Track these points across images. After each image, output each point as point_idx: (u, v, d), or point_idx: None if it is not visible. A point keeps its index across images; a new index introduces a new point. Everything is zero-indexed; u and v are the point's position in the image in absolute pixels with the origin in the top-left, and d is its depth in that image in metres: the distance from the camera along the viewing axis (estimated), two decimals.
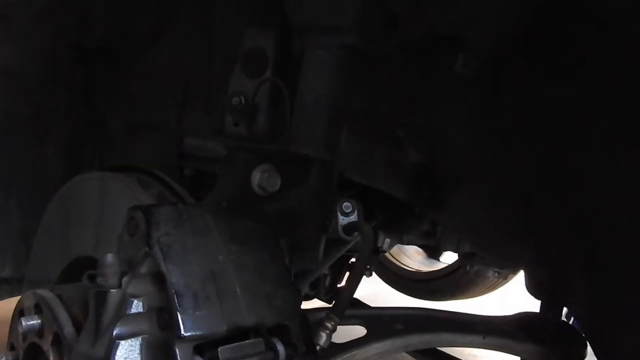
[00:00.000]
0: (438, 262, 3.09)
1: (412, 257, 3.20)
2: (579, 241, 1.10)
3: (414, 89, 1.30)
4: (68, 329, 0.82)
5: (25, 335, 0.88)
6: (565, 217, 1.11)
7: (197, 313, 0.70)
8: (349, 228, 1.19)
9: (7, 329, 0.94)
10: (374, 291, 3.31)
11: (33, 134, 1.48)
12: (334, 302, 0.97)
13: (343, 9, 1.15)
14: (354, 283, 1.02)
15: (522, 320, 1.46)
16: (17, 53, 1.40)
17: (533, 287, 1.46)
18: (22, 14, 1.39)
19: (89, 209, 0.98)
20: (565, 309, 1.63)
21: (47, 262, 1.07)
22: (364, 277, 2.45)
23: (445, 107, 1.27)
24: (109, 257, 0.71)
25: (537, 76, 1.11)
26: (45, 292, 0.88)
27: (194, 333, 0.69)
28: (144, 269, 0.72)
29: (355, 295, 1.74)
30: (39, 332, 0.86)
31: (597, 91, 0.99)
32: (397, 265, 3.21)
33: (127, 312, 0.70)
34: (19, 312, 0.91)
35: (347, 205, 1.21)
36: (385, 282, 3.28)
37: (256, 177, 1.09)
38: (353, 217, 1.21)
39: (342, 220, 1.20)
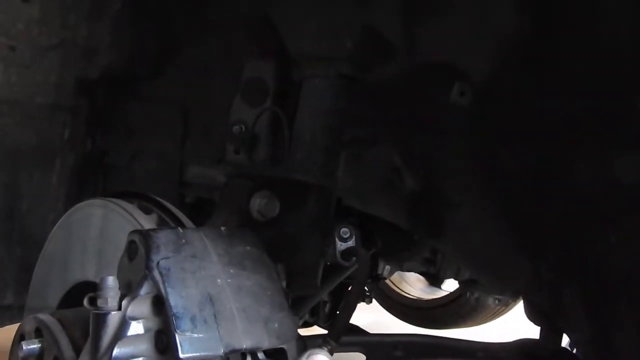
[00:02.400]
0: (440, 290, 3.08)
1: (413, 285, 3.19)
2: (575, 266, 1.11)
3: (410, 116, 1.32)
4: (68, 353, 0.83)
5: None
6: (561, 242, 1.12)
7: (195, 335, 0.71)
8: (347, 253, 1.20)
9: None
10: (375, 320, 3.29)
11: (37, 162, 1.51)
12: (330, 326, 0.98)
13: (339, 39, 1.18)
14: (350, 307, 1.02)
15: (521, 346, 1.46)
16: (23, 83, 1.44)
17: (532, 313, 1.46)
18: (30, 46, 1.43)
19: (91, 235, 1.00)
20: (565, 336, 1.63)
21: (48, 288, 1.08)
22: (365, 304, 2.45)
23: (441, 134, 1.29)
24: (110, 280, 0.73)
25: (530, 100, 1.14)
26: (45, 317, 0.89)
27: (191, 355, 0.70)
28: (143, 291, 0.73)
29: (358, 324, 1.74)
30: (39, 356, 0.86)
31: (588, 107, 1.02)
32: (399, 293, 3.20)
33: (126, 334, 0.72)
34: (20, 337, 0.92)
35: (345, 231, 1.22)
36: (386, 310, 3.26)
37: (255, 203, 1.11)
38: (351, 243, 1.23)
39: (340, 245, 1.22)
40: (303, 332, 1.10)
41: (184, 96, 1.57)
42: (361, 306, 2.61)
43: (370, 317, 3.29)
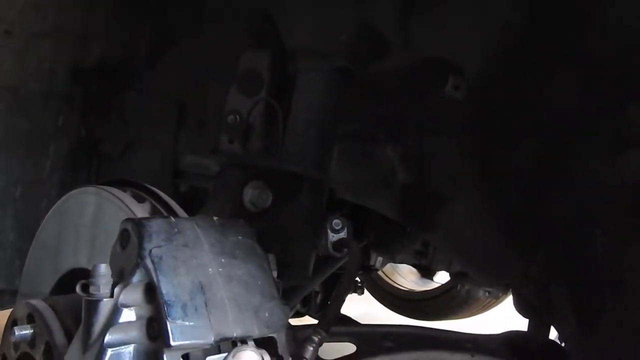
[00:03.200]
0: (432, 282, 3.10)
1: (405, 277, 3.21)
2: (564, 262, 1.13)
3: (404, 111, 1.33)
4: (60, 338, 0.84)
5: (17, 345, 0.90)
6: (549, 236, 1.14)
7: (186, 323, 0.72)
8: (339, 245, 1.21)
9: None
10: (367, 311, 3.31)
11: (30, 149, 1.51)
12: (321, 316, 0.99)
13: (334, 33, 1.19)
14: (340, 297, 1.04)
15: (510, 338, 1.47)
16: (18, 69, 1.44)
17: (520, 306, 1.48)
18: (25, 32, 1.43)
19: (84, 222, 1.01)
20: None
21: (40, 274, 1.08)
22: (357, 295, 2.47)
23: (434, 128, 1.30)
24: (102, 267, 0.73)
25: (524, 96, 1.15)
26: (38, 302, 0.90)
27: (182, 342, 0.71)
28: (135, 279, 0.74)
29: (350, 314, 1.76)
30: (31, 342, 0.87)
31: (581, 105, 1.03)
32: (391, 285, 3.22)
33: (118, 321, 0.72)
34: (12, 322, 0.92)
35: (337, 222, 1.23)
36: (378, 301, 3.29)
37: (248, 193, 1.12)
38: (343, 234, 1.23)
39: (332, 237, 1.23)
40: (295, 322, 1.11)
41: (179, 86, 1.57)
42: (353, 297, 2.64)
43: (362, 308, 3.32)
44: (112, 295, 0.73)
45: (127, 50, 1.54)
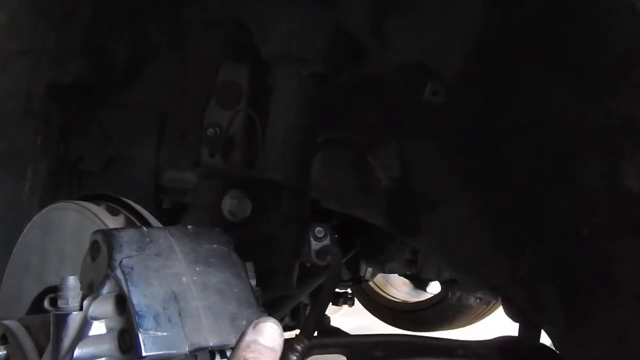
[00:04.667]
0: (425, 293, 3.08)
1: (398, 288, 3.19)
2: (551, 261, 1.12)
3: (385, 116, 1.33)
4: (33, 358, 0.82)
5: None
6: (536, 237, 1.13)
7: (159, 334, 0.70)
8: (322, 253, 1.20)
9: None
10: (362, 324, 3.29)
11: (8, 169, 1.49)
12: (303, 324, 0.97)
13: (310, 39, 1.19)
14: (322, 303, 1.02)
15: (500, 344, 1.46)
16: None
17: (510, 310, 1.47)
18: (0, 52, 1.42)
19: (55, 238, 0.99)
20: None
21: (17, 294, 1.06)
22: (348, 308, 2.44)
23: (416, 133, 1.30)
24: (70, 280, 0.71)
25: (502, 97, 1.15)
26: (11, 323, 0.87)
27: (155, 353, 0.69)
28: (105, 290, 0.72)
29: (344, 328, 1.73)
30: None
31: (562, 106, 1.03)
32: (383, 296, 3.20)
33: (88, 334, 0.70)
34: None
35: (319, 230, 1.22)
36: (372, 313, 3.26)
37: (227, 203, 1.11)
38: (326, 242, 1.22)
39: (315, 245, 1.21)
40: (285, 335, 1.09)
41: (159, 101, 1.57)
42: (349, 311, 2.61)
43: (357, 321, 3.29)
44: (81, 308, 0.71)
45: (105, 66, 1.53)
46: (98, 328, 0.71)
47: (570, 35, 1.01)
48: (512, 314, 1.44)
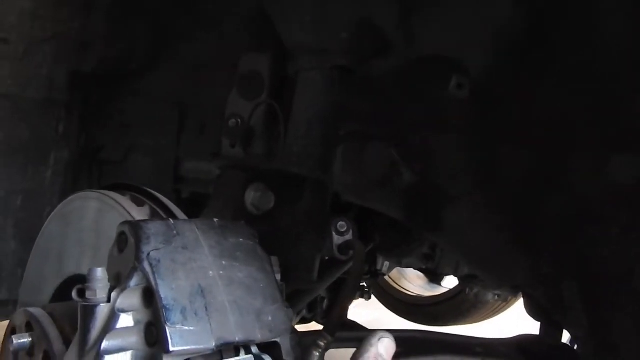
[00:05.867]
0: (440, 287, 3.07)
1: (413, 282, 3.18)
2: (574, 261, 1.10)
3: (408, 109, 1.31)
4: (58, 346, 0.82)
5: (16, 354, 0.88)
6: (559, 237, 1.11)
7: (186, 328, 0.70)
8: (344, 247, 1.19)
9: None
10: (376, 317, 3.28)
11: (31, 157, 1.50)
12: (326, 320, 0.97)
13: (334, 31, 1.17)
14: (345, 300, 1.01)
15: (521, 342, 1.44)
16: (16, 77, 1.43)
17: (531, 309, 1.45)
18: (23, 39, 1.42)
19: (83, 227, 0.99)
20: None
21: (41, 282, 1.07)
22: (367, 302, 2.44)
23: (438, 128, 1.28)
24: (98, 272, 0.71)
25: (527, 95, 1.13)
26: (36, 310, 0.88)
27: (182, 348, 0.69)
28: (133, 283, 0.72)
29: (358, 321, 1.72)
30: (30, 350, 0.85)
31: (584, 104, 1.01)
32: (398, 290, 3.18)
33: (115, 327, 0.70)
34: (11, 331, 0.90)
35: (341, 225, 1.21)
36: (386, 307, 3.25)
37: (250, 195, 1.10)
38: (348, 236, 1.21)
39: (337, 239, 1.20)
40: (301, 328, 1.08)
41: (179, 91, 1.56)
42: (361, 303, 2.61)
43: (371, 314, 3.29)
44: (109, 300, 0.71)
45: (126, 55, 1.53)
46: (125, 320, 0.71)
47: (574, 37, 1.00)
48: (534, 312, 1.42)
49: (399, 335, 1.36)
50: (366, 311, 3.21)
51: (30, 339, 0.85)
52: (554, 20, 1.06)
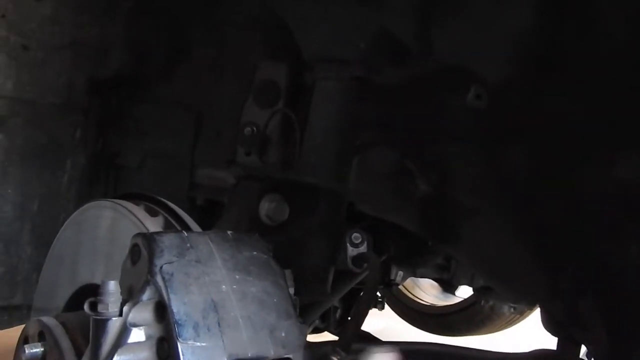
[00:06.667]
0: (453, 297, 3.03)
1: (426, 291, 3.15)
2: (594, 277, 1.08)
3: (424, 120, 1.30)
4: (70, 357, 0.82)
5: None
6: (578, 250, 1.09)
7: (198, 344, 0.69)
8: (358, 259, 1.18)
9: None
10: (387, 326, 3.25)
11: (47, 162, 1.50)
12: (340, 334, 0.95)
13: (352, 41, 1.16)
14: (360, 315, 1.00)
15: (538, 357, 1.42)
16: (35, 82, 1.44)
17: (549, 324, 1.42)
18: (42, 45, 1.43)
19: (97, 236, 0.99)
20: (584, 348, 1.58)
21: (54, 289, 1.07)
22: (377, 310, 2.42)
23: (455, 139, 1.27)
24: (111, 285, 0.71)
25: (547, 105, 1.11)
26: (49, 320, 0.87)
27: None
28: (145, 297, 0.71)
29: (369, 329, 1.71)
30: None
31: (603, 112, 0.99)
32: (412, 299, 3.16)
33: (127, 341, 0.70)
34: (23, 340, 0.90)
35: (356, 236, 1.20)
36: (399, 316, 3.22)
37: (264, 206, 1.09)
38: (362, 248, 1.20)
39: (352, 251, 1.19)
40: (313, 337, 1.07)
41: (195, 97, 1.56)
42: (373, 312, 2.58)
43: (382, 323, 3.26)
44: (121, 314, 0.71)
45: (144, 61, 1.54)
46: (137, 335, 0.70)
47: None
48: (551, 327, 1.39)
49: (411, 348, 1.35)
50: (377, 319, 3.18)
51: (42, 349, 0.85)
52: (574, 32, 1.04)
